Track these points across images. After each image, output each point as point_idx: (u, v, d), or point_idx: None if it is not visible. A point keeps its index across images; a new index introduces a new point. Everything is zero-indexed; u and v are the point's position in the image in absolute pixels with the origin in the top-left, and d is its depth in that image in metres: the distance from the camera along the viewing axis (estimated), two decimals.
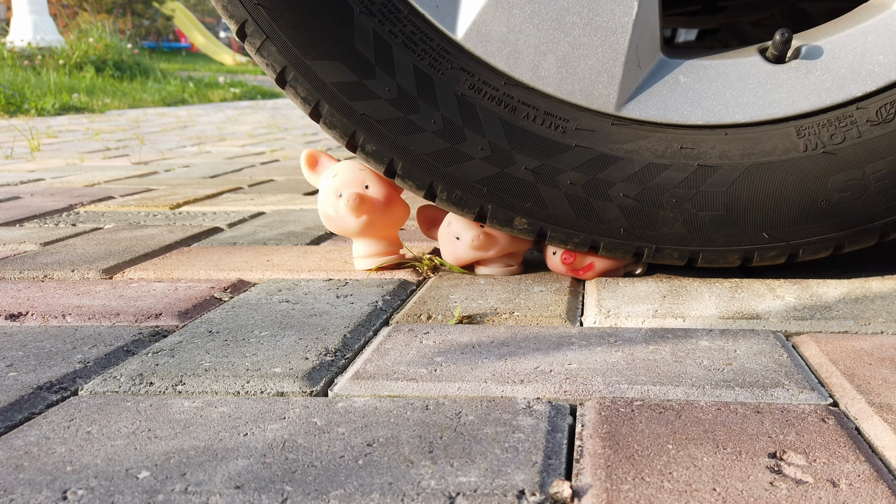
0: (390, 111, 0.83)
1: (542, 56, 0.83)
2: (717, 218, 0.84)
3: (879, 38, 0.81)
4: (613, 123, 0.84)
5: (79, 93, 5.94)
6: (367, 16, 0.82)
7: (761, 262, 0.86)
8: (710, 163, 0.83)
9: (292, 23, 0.82)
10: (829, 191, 0.83)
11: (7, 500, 0.46)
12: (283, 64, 0.83)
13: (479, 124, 0.84)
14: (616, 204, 0.84)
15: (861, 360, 0.66)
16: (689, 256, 0.86)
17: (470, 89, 0.83)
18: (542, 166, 0.84)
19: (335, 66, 0.83)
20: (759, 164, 0.83)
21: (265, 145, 2.86)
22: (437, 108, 0.83)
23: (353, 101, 0.84)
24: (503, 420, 0.55)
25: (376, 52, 0.83)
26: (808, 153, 0.82)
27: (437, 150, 0.84)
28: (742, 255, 0.86)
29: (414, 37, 0.83)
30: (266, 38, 0.83)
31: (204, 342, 0.72)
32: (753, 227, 0.84)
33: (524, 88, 0.84)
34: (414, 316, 0.79)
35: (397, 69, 0.83)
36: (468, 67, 0.83)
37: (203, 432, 0.54)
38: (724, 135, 0.83)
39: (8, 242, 1.17)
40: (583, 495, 0.46)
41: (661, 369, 0.64)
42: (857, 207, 0.83)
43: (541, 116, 0.84)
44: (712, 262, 0.86)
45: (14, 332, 0.76)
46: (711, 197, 0.84)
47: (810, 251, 0.85)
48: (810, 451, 0.51)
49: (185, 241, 1.17)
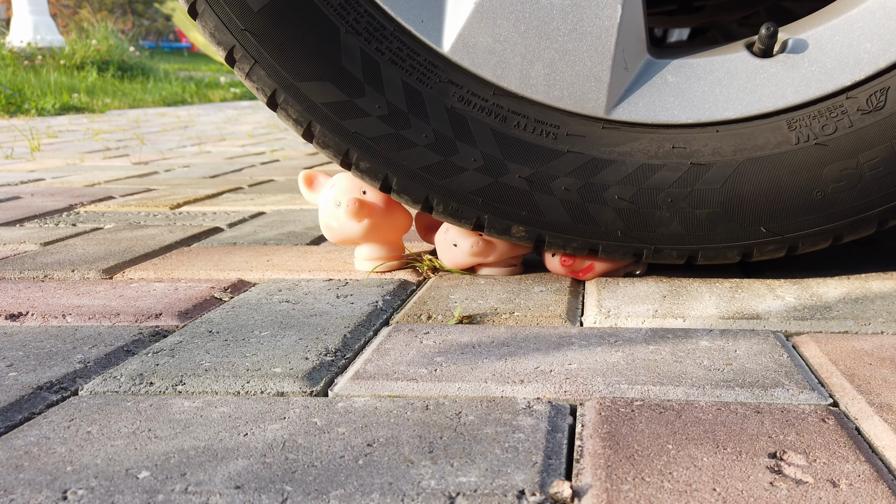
0: (381, 128, 0.84)
1: (529, 64, 0.83)
2: (714, 215, 0.84)
3: (865, 26, 0.81)
4: (604, 127, 0.84)
5: (79, 93, 5.94)
6: (353, 35, 0.82)
7: (761, 256, 0.86)
8: (703, 161, 0.83)
9: (279, 46, 0.83)
10: (824, 182, 0.82)
11: (7, 500, 0.46)
12: (273, 87, 0.84)
13: (471, 136, 0.84)
14: (612, 207, 0.85)
15: (861, 360, 0.66)
16: (689, 255, 0.86)
17: (459, 101, 0.84)
18: (536, 174, 0.84)
19: (324, 86, 0.83)
20: (752, 160, 0.83)
21: (265, 145, 2.86)
22: (427, 122, 0.84)
23: (344, 120, 0.84)
24: (503, 420, 0.55)
25: (364, 70, 0.83)
26: (800, 145, 0.82)
27: (430, 164, 0.85)
28: (741, 250, 0.86)
29: (401, 53, 0.83)
30: (255, 63, 0.83)
31: (204, 342, 0.72)
32: (751, 223, 0.84)
33: (513, 97, 0.84)
34: (414, 316, 0.79)
35: (386, 86, 0.83)
36: (456, 80, 0.84)
37: (203, 432, 0.54)
38: (716, 132, 0.83)
39: (8, 242, 1.17)
40: (583, 495, 0.46)
41: (661, 369, 0.64)
42: (854, 197, 0.83)
43: (531, 124, 0.84)
44: (712, 259, 0.86)
45: (14, 332, 0.76)
46: (707, 194, 0.84)
47: (809, 243, 0.85)
48: (810, 451, 0.51)
49: (186, 241, 1.17)
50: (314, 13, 0.82)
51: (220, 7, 0.82)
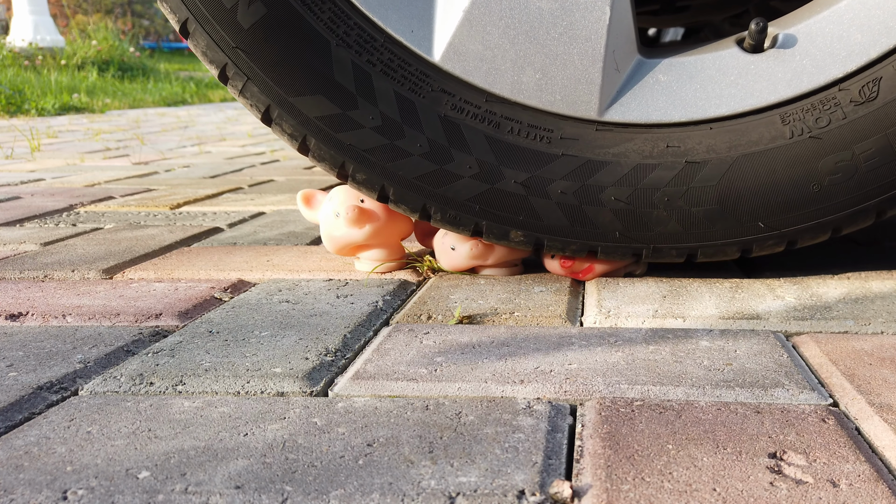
0: (376, 139, 0.84)
1: (520, 70, 0.83)
2: (711, 212, 0.84)
3: (855, 17, 0.81)
4: (598, 129, 0.84)
5: (79, 93, 5.94)
6: (345, 48, 0.83)
7: (761, 251, 0.86)
8: (697, 158, 0.83)
9: (272, 62, 0.83)
10: (820, 175, 0.82)
11: (7, 500, 0.46)
12: (267, 103, 0.84)
13: (465, 143, 0.84)
14: (609, 208, 0.85)
15: (861, 361, 0.66)
16: (688, 253, 0.86)
17: (452, 109, 0.84)
18: (531, 178, 0.84)
19: (318, 100, 0.84)
20: (746, 155, 0.83)
21: (265, 145, 2.86)
22: (421, 131, 0.84)
23: (338, 133, 0.84)
24: (503, 420, 0.55)
25: (356, 82, 0.83)
26: (794, 139, 0.82)
27: (426, 173, 0.85)
28: (740, 246, 0.86)
29: (392, 64, 0.84)
30: (247, 80, 0.84)
31: (204, 342, 0.72)
32: (748, 219, 0.84)
33: (506, 103, 0.84)
34: (414, 316, 0.79)
35: (379, 97, 0.84)
36: (448, 88, 0.84)
37: (203, 432, 0.54)
38: (710, 129, 0.83)
39: (8, 242, 1.17)
40: (583, 495, 0.46)
41: (661, 369, 0.64)
42: (850, 188, 0.83)
43: (525, 129, 0.84)
44: (711, 257, 0.86)
45: (14, 332, 0.76)
46: (703, 192, 0.84)
47: (808, 237, 0.85)
48: (810, 452, 0.51)
49: (186, 241, 1.17)
50: (305, 28, 0.83)
51: (210, 26, 0.83)
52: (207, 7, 0.82)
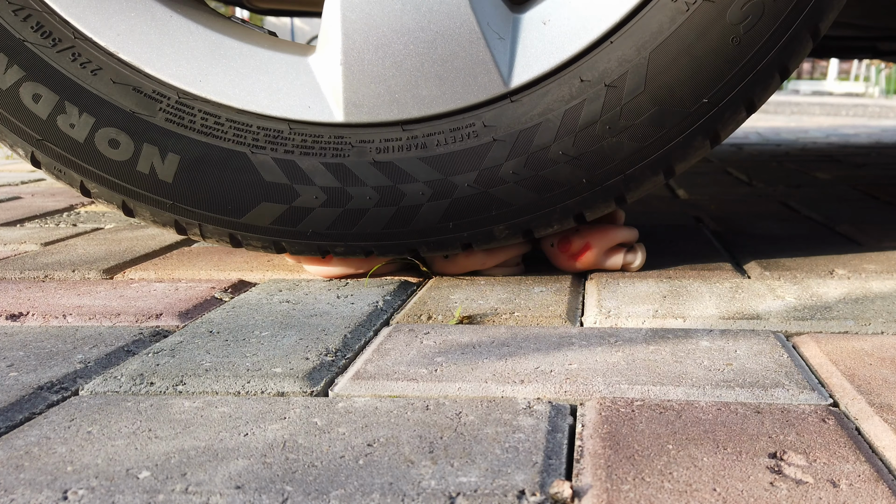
0: (330, 214, 0.87)
1: (417, 88, 0.84)
2: (655, 116, 0.82)
3: None
4: (512, 100, 0.84)
5: None
6: (260, 151, 0.86)
7: (724, 130, 0.83)
8: (614, 76, 0.82)
9: (210, 200, 0.88)
10: (733, 26, 0.79)
11: (7, 500, 0.46)
12: (229, 233, 0.90)
13: (407, 174, 0.85)
14: (563, 163, 0.84)
15: (861, 361, 0.66)
16: (663, 165, 0.84)
17: (377, 152, 0.85)
18: (480, 174, 0.84)
19: (263, 209, 0.88)
20: (657, 48, 0.80)
21: None
22: (364, 184, 0.86)
23: (297, 227, 0.88)
24: (503, 420, 0.55)
25: (285, 173, 0.86)
26: (691, 9, 0.79)
27: (391, 220, 0.86)
28: (705, 135, 0.83)
29: (307, 142, 0.86)
30: (199, 225, 0.90)
31: (204, 342, 0.72)
32: (692, 103, 0.81)
33: (421, 122, 0.85)
34: (414, 316, 0.79)
35: (311, 175, 0.86)
36: (365, 137, 0.86)
37: (203, 432, 0.54)
38: (611, 43, 0.81)
39: (8, 242, 1.17)
40: (583, 495, 0.46)
41: (661, 369, 0.64)
42: (768, 23, 0.79)
43: (450, 136, 0.85)
44: (686, 158, 0.84)
45: (15, 332, 0.76)
46: (637, 103, 0.82)
47: (760, 88, 0.82)
48: (810, 452, 0.51)
49: (186, 241, 1.17)
50: (218, 154, 0.86)
51: (145, 198, 0.88)
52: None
